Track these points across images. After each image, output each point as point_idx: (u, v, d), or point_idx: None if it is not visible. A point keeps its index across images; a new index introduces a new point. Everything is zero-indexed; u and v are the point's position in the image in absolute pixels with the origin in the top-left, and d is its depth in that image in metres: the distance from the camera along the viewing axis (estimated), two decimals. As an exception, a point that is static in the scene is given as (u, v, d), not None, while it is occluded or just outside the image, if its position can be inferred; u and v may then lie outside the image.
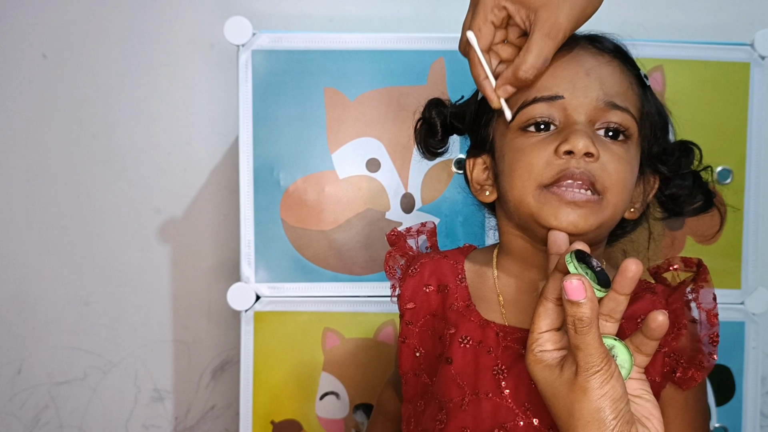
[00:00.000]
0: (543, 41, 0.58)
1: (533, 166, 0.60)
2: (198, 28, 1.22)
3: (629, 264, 0.49)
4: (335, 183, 1.01)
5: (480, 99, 0.69)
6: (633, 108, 0.62)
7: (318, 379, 1.03)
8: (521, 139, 0.62)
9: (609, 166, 0.59)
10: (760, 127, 1.01)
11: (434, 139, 0.74)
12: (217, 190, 1.25)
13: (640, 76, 0.66)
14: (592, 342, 0.47)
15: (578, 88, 0.60)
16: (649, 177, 0.67)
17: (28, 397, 1.27)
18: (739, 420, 1.03)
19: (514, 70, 0.59)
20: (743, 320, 1.02)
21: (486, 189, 0.69)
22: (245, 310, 1.00)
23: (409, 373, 0.70)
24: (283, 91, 0.99)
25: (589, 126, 0.60)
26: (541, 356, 0.51)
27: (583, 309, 0.47)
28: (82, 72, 1.23)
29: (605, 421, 0.47)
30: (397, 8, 1.22)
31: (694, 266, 0.62)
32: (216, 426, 1.29)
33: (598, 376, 0.47)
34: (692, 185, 0.68)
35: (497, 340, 0.64)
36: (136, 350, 1.27)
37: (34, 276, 1.25)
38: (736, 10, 1.22)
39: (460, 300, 0.68)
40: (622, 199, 0.61)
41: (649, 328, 0.51)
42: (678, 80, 1.01)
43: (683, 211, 0.69)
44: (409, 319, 0.70)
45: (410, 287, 0.71)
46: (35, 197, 1.24)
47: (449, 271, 0.70)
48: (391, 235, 0.76)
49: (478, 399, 0.62)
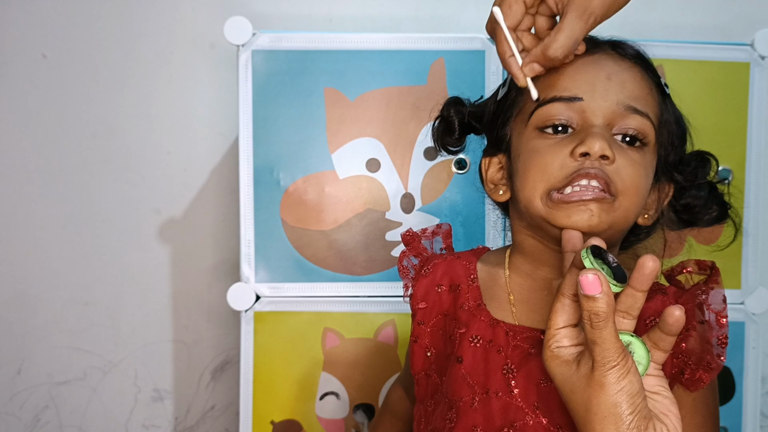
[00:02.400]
0: (575, 22, 0.57)
1: (547, 167, 0.60)
2: (198, 28, 1.22)
3: (646, 260, 0.49)
4: (335, 183, 1.01)
5: (499, 99, 0.69)
6: (652, 114, 0.62)
7: (318, 379, 1.03)
8: (538, 141, 0.62)
9: (624, 170, 0.59)
10: (760, 127, 1.01)
11: (451, 137, 0.74)
12: (217, 190, 1.25)
13: (661, 84, 0.66)
14: (609, 337, 0.47)
15: (598, 91, 0.60)
16: (665, 185, 0.67)
17: (28, 397, 1.27)
18: (739, 420, 1.03)
19: (543, 48, 0.59)
20: (743, 320, 1.02)
21: (500, 188, 0.69)
22: (245, 310, 1.00)
23: (421, 373, 0.70)
24: (283, 91, 0.99)
25: (607, 130, 0.60)
26: (558, 352, 0.51)
27: (599, 303, 0.47)
28: (82, 72, 1.23)
29: (622, 416, 0.47)
30: (397, 8, 1.22)
31: (707, 269, 0.61)
32: (216, 426, 1.29)
33: (614, 371, 0.48)
34: (708, 196, 0.68)
35: (507, 339, 0.64)
36: (136, 350, 1.27)
37: (34, 276, 1.25)
38: (736, 10, 1.22)
39: (471, 300, 0.68)
40: (636, 203, 0.61)
41: (666, 324, 0.51)
42: (678, 80, 1.00)
43: (697, 221, 0.68)
44: (420, 318, 0.70)
45: (423, 287, 0.71)
46: (35, 197, 1.24)
47: (462, 272, 0.70)
48: (407, 235, 0.76)
49: (488, 398, 0.62)
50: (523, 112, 0.65)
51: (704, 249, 1.02)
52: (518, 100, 0.66)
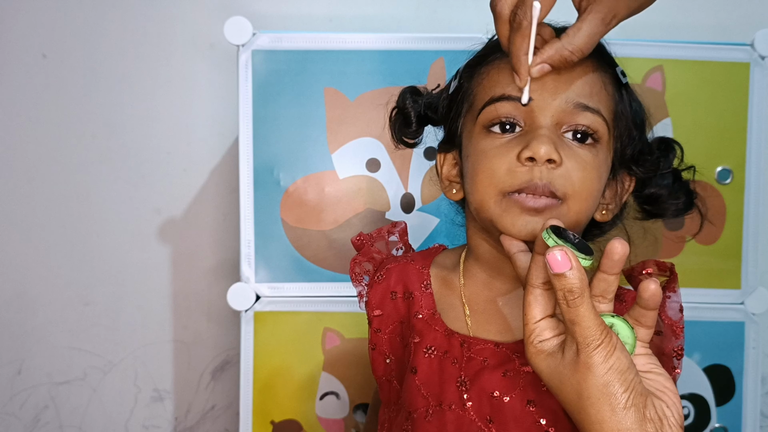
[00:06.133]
0: (597, 25, 0.54)
1: (495, 173, 0.58)
2: (198, 28, 1.22)
3: (615, 245, 0.47)
4: (335, 183, 1.01)
5: (451, 93, 0.67)
6: (605, 109, 0.59)
7: (318, 379, 1.03)
8: (485, 141, 0.60)
9: (573, 173, 0.57)
10: (760, 127, 1.01)
11: (408, 129, 0.71)
12: (217, 190, 1.25)
13: (617, 74, 0.63)
14: (587, 313, 0.46)
15: (546, 88, 0.57)
16: (624, 178, 0.65)
17: (28, 397, 1.27)
18: (739, 420, 1.03)
19: (559, 48, 0.55)
20: (743, 320, 1.02)
21: (453, 186, 0.67)
22: (245, 310, 1.00)
23: (383, 378, 0.69)
24: (283, 91, 0.99)
25: (555, 129, 0.58)
26: (542, 346, 0.49)
27: (571, 279, 0.45)
28: (82, 72, 1.23)
29: (615, 395, 0.45)
30: (397, 8, 1.22)
31: (667, 270, 0.59)
32: (216, 426, 1.29)
33: (600, 350, 0.46)
34: (672, 185, 0.65)
35: (461, 350, 0.62)
36: (136, 350, 1.27)
37: (34, 276, 1.25)
38: (736, 10, 1.22)
39: (425, 308, 0.66)
40: (587, 207, 0.59)
41: (643, 299, 0.49)
42: (678, 80, 1.01)
43: (664, 212, 0.66)
44: (377, 326, 0.69)
45: (377, 294, 0.69)
46: (35, 197, 1.24)
47: (415, 278, 0.68)
48: (356, 240, 0.73)
49: (441, 410, 0.61)
50: (472, 109, 0.63)
51: (705, 249, 1.02)
52: (468, 95, 0.64)
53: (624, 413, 0.45)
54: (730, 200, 1.01)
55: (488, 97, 0.60)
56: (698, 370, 1.02)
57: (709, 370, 1.03)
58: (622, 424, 0.45)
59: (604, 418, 0.45)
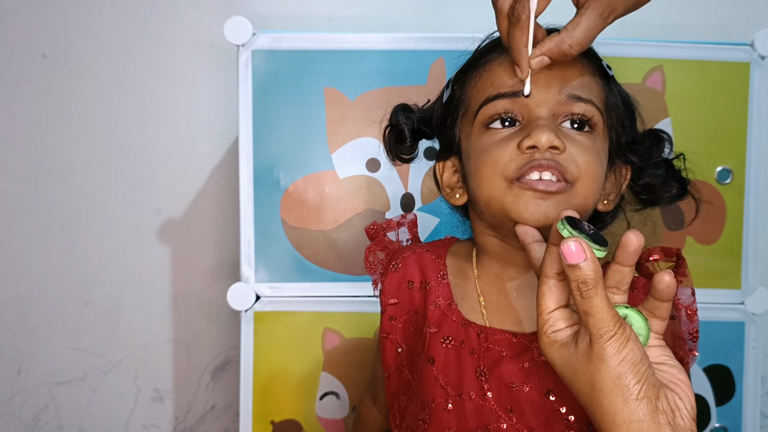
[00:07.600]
0: (596, 20, 0.56)
1: (498, 162, 0.59)
2: (198, 28, 1.22)
3: (630, 237, 0.48)
4: (335, 183, 1.01)
5: (444, 102, 0.68)
6: (597, 99, 0.61)
7: (318, 379, 1.03)
8: (485, 138, 0.61)
9: (577, 157, 0.58)
10: (760, 127, 1.01)
11: (403, 145, 0.73)
12: (217, 190, 1.25)
13: (603, 67, 0.65)
14: (600, 305, 0.46)
15: (540, 83, 0.59)
16: (621, 168, 0.66)
17: (28, 397, 1.27)
18: (739, 420, 1.03)
19: (558, 42, 0.56)
20: (743, 320, 1.02)
21: (456, 192, 0.68)
22: (245, 310, 1.00)
23: (393, 368, 0.69)
24: (283, 91, 0.99)
25: (553, 120, 0.59)
26: (555, 336, 0.50)
27: (585, 271, 0.46)
28: (82, 72, 1.23)
29: (628, 386, 0.45)
30: (397, 8, 1.22)
31: (674, 256, 0.60)
32: (216, 426, 1.29)
33: (613, 341, 0.46)
34: (665, 173, 0.67)
35: (479, 341, 0.63)
36: (136, 350, 1.27)
37: (34, 276, 1.25)
38: (736, 10, 1.22)
39: (442, 298, 0.67)
40: (593, 190, 0.60)
41: (657, 291, 0.50)
42: (678, 80, 1.01)
43: (659, 200, 0.68)
44: (392, 314, 0.69)
45: (393, 282, 0.70)
46: (35, 197, 1.24)
47: (431, 267, 0.69)
48: (371, 228, 0.74)
49: (461, 400, 0.62)
50: (468, 112, 0.64)
51: (705, 249, 1.02)
52: (463, 101, 0.66)
53: (636, 404, 0.45)
54: (730, 200, 1.01)
55: (484, 97, 0.62)
56: (698, 370, 1.02)
57: (709, 370, 1.03)
58: (635, 416, 0.45)
59: (616, 409, 0.46)
